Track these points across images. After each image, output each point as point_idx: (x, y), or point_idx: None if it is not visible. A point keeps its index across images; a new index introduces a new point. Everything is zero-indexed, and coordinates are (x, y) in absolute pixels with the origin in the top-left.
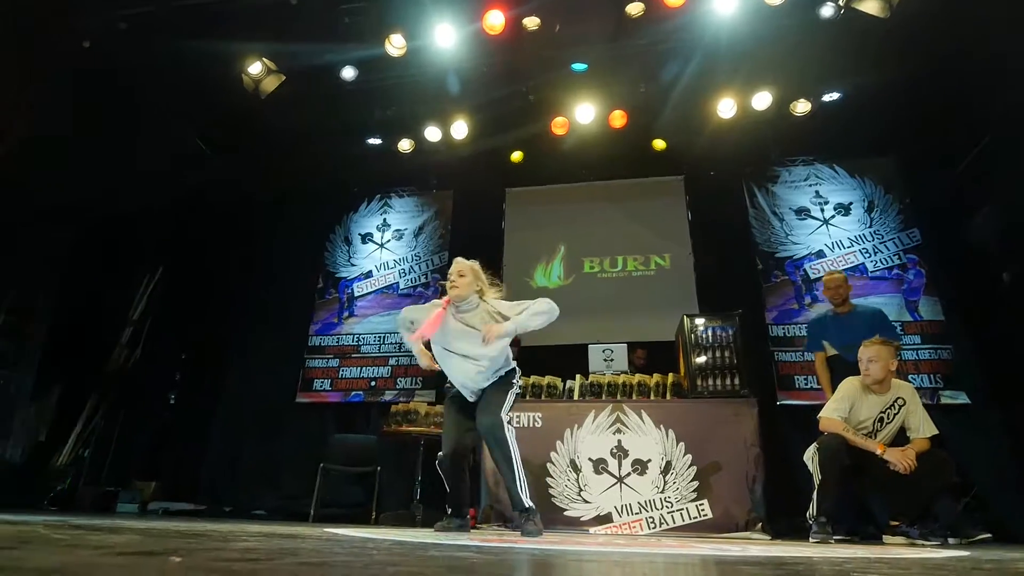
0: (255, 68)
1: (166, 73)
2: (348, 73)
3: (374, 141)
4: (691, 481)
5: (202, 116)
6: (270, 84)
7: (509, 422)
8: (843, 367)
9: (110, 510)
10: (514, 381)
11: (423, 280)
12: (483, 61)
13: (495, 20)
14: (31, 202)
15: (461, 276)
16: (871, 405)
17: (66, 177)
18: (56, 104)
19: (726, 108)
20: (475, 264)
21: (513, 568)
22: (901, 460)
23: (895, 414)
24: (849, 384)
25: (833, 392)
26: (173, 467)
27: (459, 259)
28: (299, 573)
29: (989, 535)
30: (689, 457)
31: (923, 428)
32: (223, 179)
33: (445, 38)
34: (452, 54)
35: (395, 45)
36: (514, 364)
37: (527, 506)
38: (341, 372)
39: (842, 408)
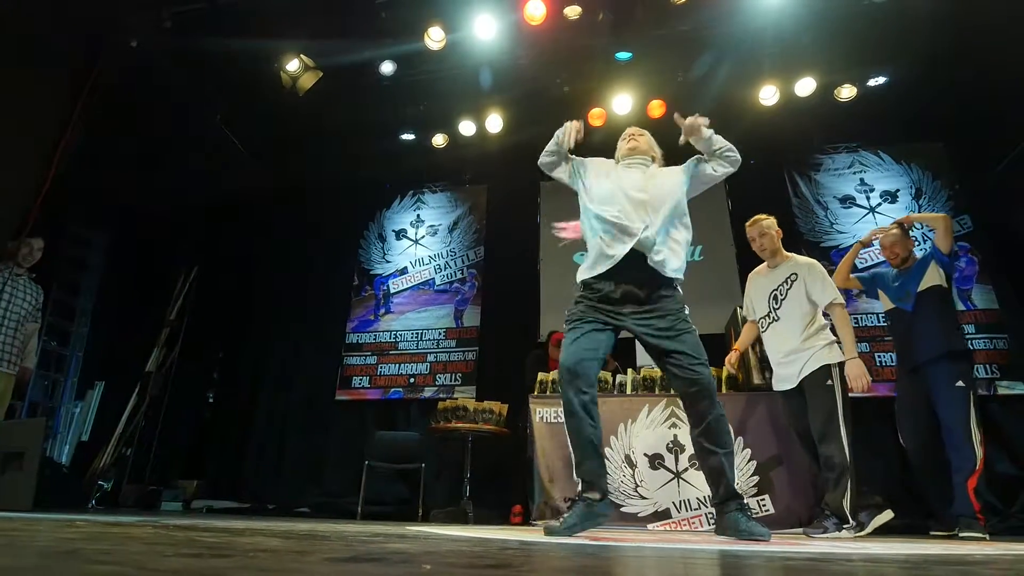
0: (292, 65)
1: (205, 71)
2: (387, 68)
3: (408, 137)
4: (751, 476)
5: (239, 114)
6: (308, 81)
7: None
8: (898, 320)
9: (154, 508)
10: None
11: (459, 275)
12: (521, 53)
13: (535, 10)
14: (70, 203)
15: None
16: (762, 287)
17: (104, 178)
18: (99, 105)
19: (768, 95)
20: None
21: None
22: (861, 381)
23: (787, 289)
24: (748, 280)
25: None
26: (215, 465)
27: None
28: None
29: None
30: (748, 452)
31: (827, 294)
32: (258, 177)
33: (485, 29)
34: (490, 46)
35: (434, 38)
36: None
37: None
38: (380, 369)
39: (747, 309)
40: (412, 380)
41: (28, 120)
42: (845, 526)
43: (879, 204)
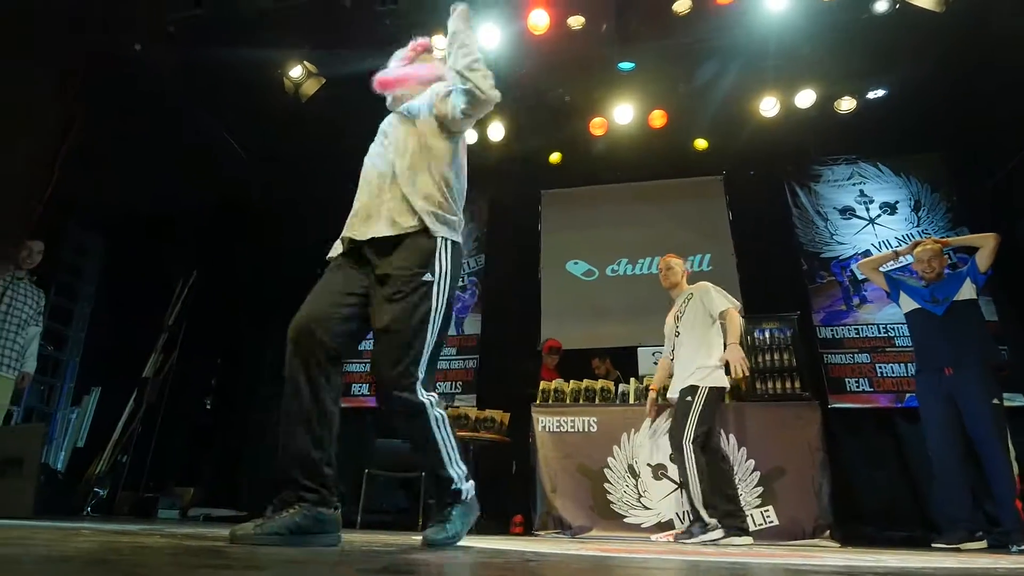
0: (296, 72)
1: (208, 77)
2: None
3: None
4: (755, 487)
5: (241, 120)
6: (310, 87)
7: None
8: (924, 322)
9: (151, 516)
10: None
11: (460, 283)
12: (524, 62)
13: (539, 20)
14: (67, 206)
15: None
16: (670, 315)
17: (103, 181)
18: (100, 109)
19: (768, 106)
20: None
21: None
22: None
23: (685, 307)
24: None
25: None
26: (212, 472)
27: None
28: None
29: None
30: (752, 462)
31: (718, 304)
32: (259, 182)
33: (489, 38)
34: (494, 55)
35: (437, 47)
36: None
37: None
38: None
39: (665, 350)
40: None
41: (30, 123)
42: (708, 527)
43: (879, 215)
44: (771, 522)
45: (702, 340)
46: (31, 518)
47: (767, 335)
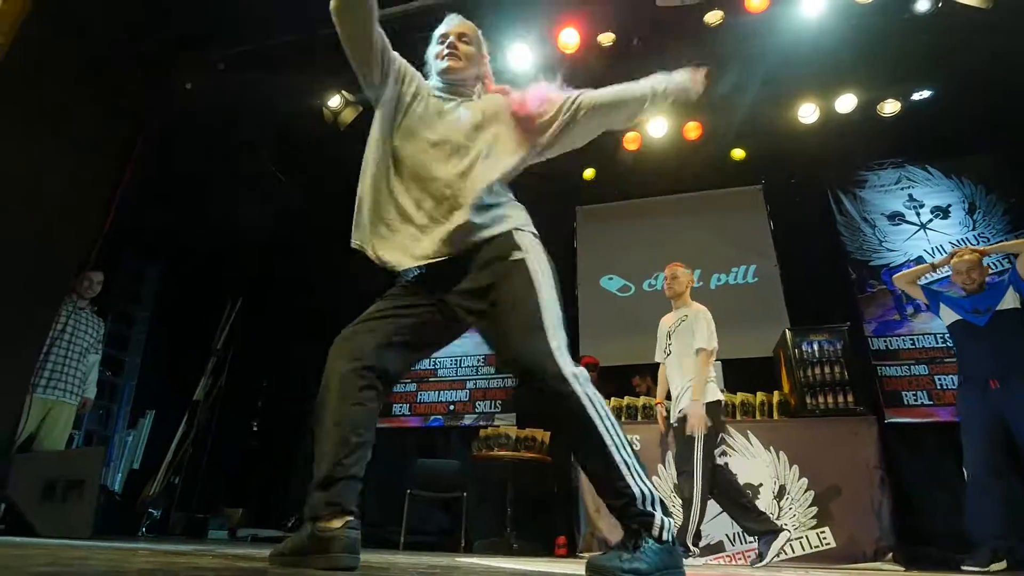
0: (334, 101)
1: (252, 109)
2: None
3: None
4: (809, 507)
5: (283, 148)
6: (348, 116)
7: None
8: (967, 334)
9: (202, 537)
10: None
11: None
12: (555, 80)
13: (569, 39)
14: (125, 238)
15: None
16: (663, 326)
17: (156, 212)
18: (154, 142)
19: (807, 113)
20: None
21: None
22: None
23: (678, 327)
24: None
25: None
26: (259, 493)
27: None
28: None
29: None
30: (805, 481)
31: (699, 338)
32: (301, 208)
33: (520, 59)
34: (525, 75)
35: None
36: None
37: None
38: (419, 396)
39: (657, 350)
40: (452, 408)
41: (89, 161)
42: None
43: (930, 220)
44: (828, 544)
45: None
46: (90, 538)
47: (815, 347)
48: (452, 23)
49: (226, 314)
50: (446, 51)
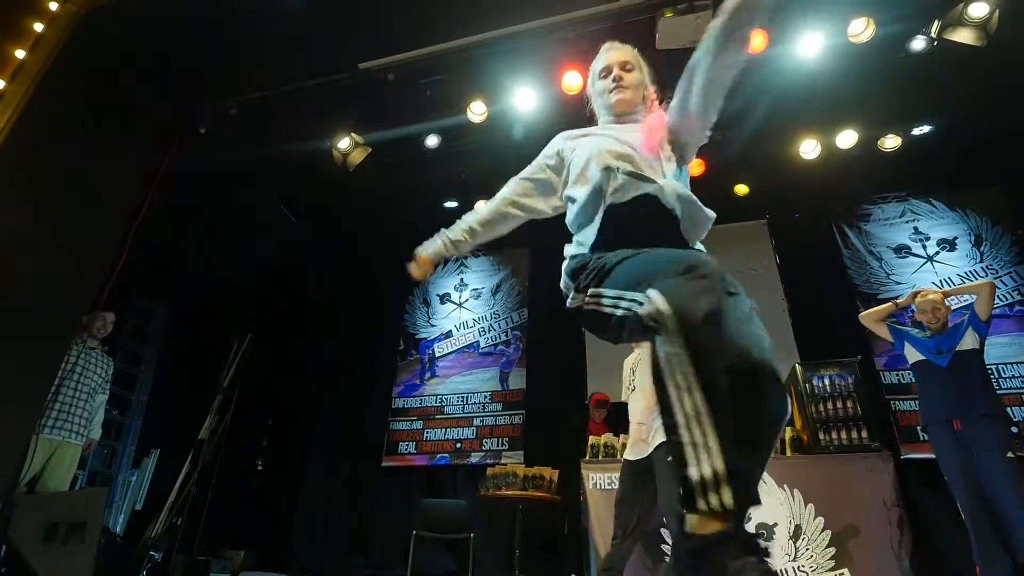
0: (344, 143)
1: (264, 151)
2: (431, 141)
3: (451, 204)
4: (826, 547)
5: (294, 189)
6: (357, 157)
7: None
8: (929, 374)
9: None
10: None
11: (504, 338)
12: (559, 120)
13: (572, 81)
14: (135, 275)
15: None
16: (628, 361)
17: (166, 251)
18: (166, 182)
19: (808, 148)
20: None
21: None
22: None
23: (640, 361)
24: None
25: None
26: (262, 535)
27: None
28: None
29: None
30: (821, 520)
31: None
32: (310, 247)
33: (525, 102)
34: (531, 116)
35: (476, 112)
36: None
37: None
38: (426, 434)
39: (623, 387)
40: (459, 445)
41: (104, 200)
42: None
43: (937, 252)
44: None
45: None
46: None
47: (826, 382)
48: (611, 55)
49: (233, 352)
50: (612, 84)
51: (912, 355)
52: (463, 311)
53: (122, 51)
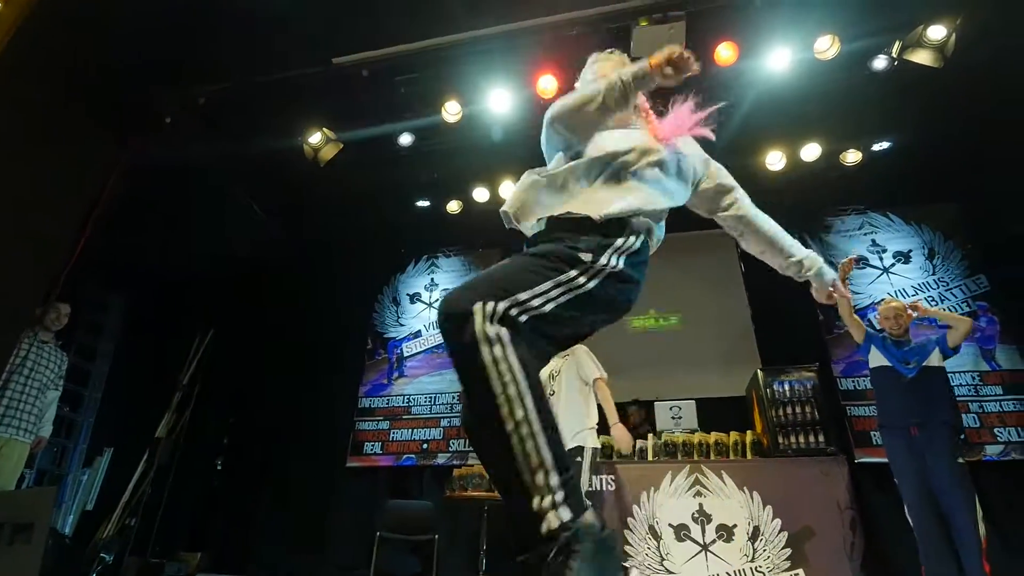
0: (315, 138)
1: (231, 143)
2: (405, 139)
3: (423, 203)
4: (783, 548)
5: (261, 183)
6: (329, 152)
7: None
8: (892, 381)
9: None
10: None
11: None
12: (534, 123)
13: (547, 84)
14: (90, 265)
15: None
16: (545, 370)
17: (123, 242)
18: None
19: (774, 160)
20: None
21: None
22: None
23: (561, 366)
24: None
25: None
26: (220, 537)
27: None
28: None
29: None
30: (778, 522)
31: (589, 371)
32: (276, 242)
33: (499, 103)
34: (505, 118)
35: (450, 112)
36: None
37: None
38: (392, 435)
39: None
40: (425, 446)
41: (63, 185)
42: None
43: (893, 264)
44: None
45: (582, 402)
46: None
47: (786, 387)
48: (602, 66)
49: (194, 347)
50: None
51: (876, 359)
52: (433, 311)
53: (84, 33)
